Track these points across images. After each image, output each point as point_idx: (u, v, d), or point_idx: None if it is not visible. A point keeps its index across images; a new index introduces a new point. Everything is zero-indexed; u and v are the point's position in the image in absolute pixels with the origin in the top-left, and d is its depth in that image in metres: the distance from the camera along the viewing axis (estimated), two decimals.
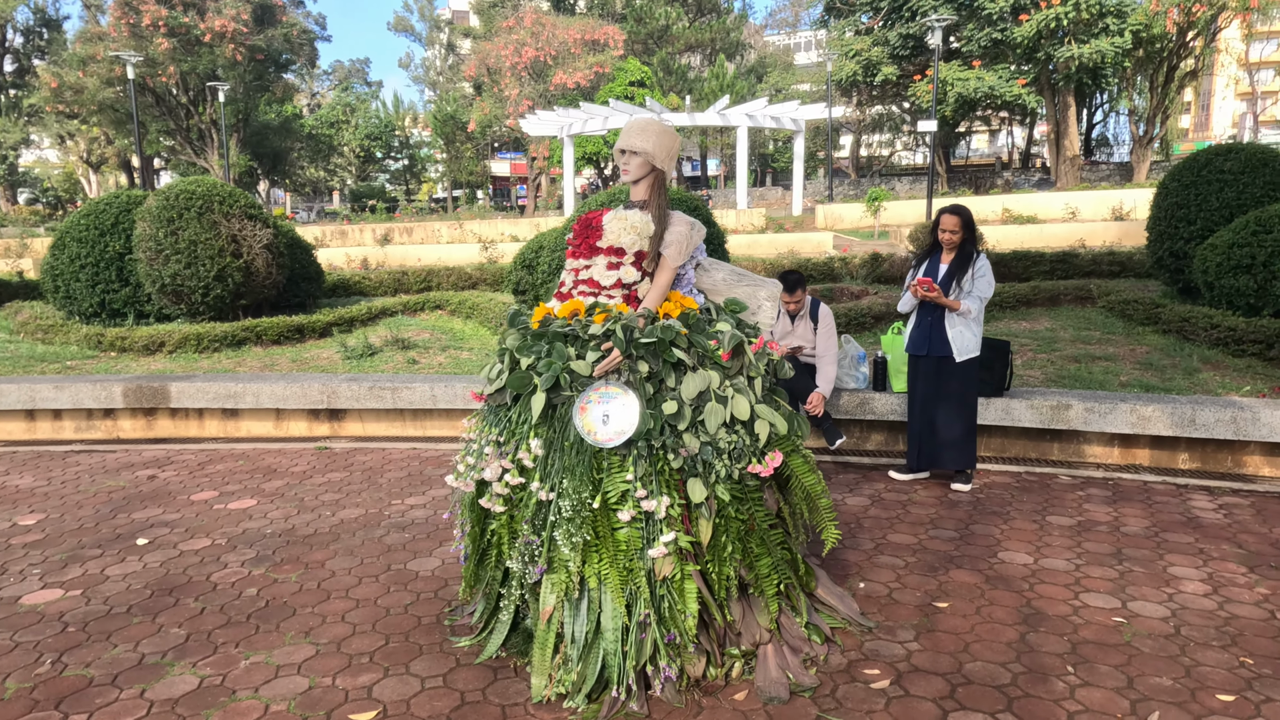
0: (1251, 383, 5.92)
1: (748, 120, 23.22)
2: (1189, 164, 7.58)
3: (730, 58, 39.61)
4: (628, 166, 3.12)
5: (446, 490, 5.00)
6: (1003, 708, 2.68)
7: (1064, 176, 27.81)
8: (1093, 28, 22.89)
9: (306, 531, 4.37)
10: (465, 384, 6.22)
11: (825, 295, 9.56)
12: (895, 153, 42.75)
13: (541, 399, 2.81)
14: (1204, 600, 3.43)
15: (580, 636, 2.73)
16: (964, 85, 24.35)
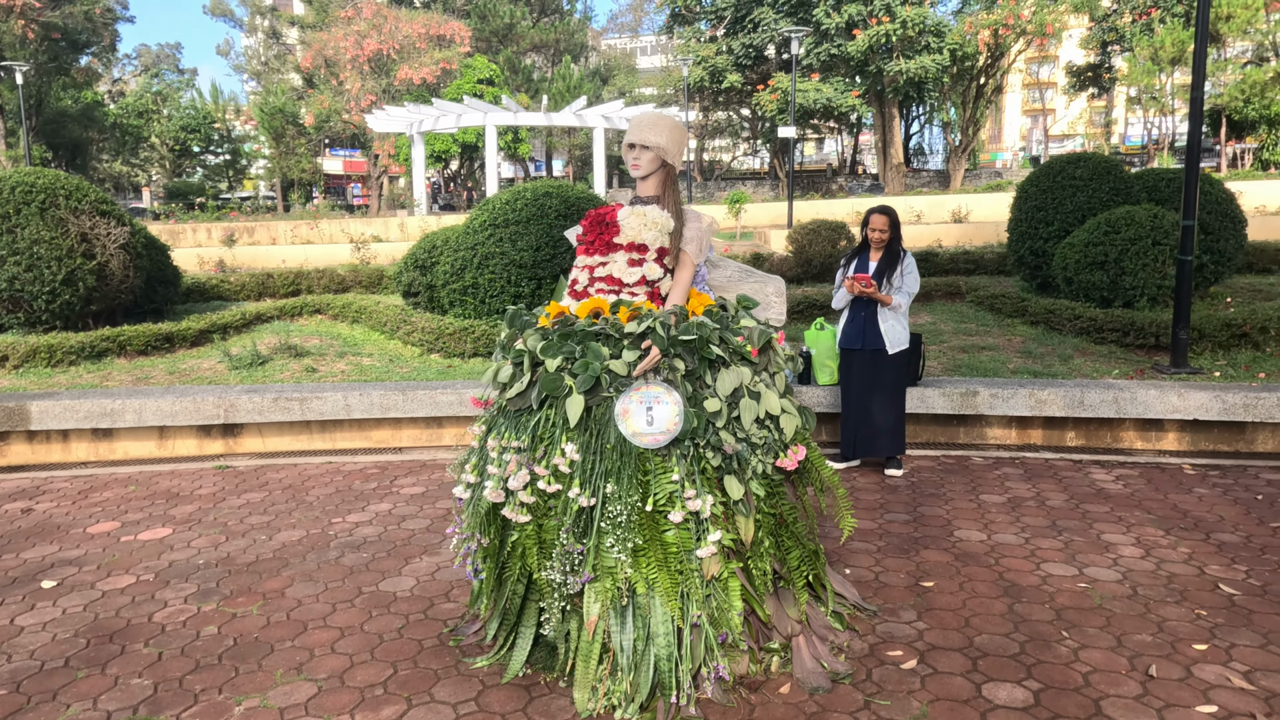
0: (1118, 366, 6.63)
1: (604, 122, 23.37)
2: (1045, 171, 8.40)
3: (575, 59, 39.70)
4: (638, 162, 3.06)
5: (389, 505, 4.71)
6: (1025, 675, 2.86)
7: (891, 182, 29.99)
8: (916, 45, 24.87)
9: (246, 559, 3.97)
10: (382, 392, 5.87)
11: None
12: (735, 158, 44.44)
13: (580, 402, 2.70)
14: (1142, 563, 3.81)
15: (629, 645, 2.65)
16: (803, 96, 25.75)
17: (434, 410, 5.93)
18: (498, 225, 7.37)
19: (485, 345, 7.03)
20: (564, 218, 7.36)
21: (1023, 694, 2.74)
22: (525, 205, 7.38)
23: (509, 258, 7.23)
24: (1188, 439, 5.83)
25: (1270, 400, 5.57)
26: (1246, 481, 5.01)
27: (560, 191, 7.54)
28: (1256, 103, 29.50)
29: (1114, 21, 31.09)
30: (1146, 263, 7.30)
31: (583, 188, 7.97)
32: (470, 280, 7.39)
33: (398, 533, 4.29)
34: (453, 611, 3.40)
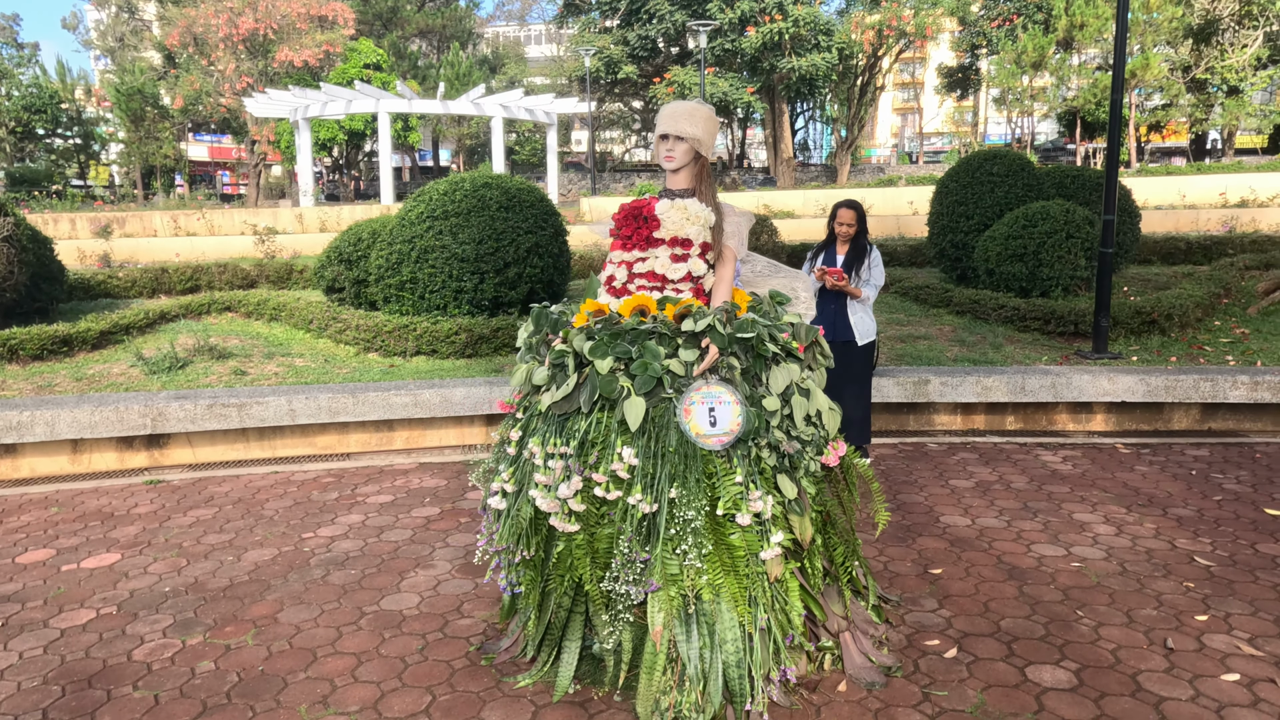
0: (1044, 353, 7.02)
1: (502, 110, 22.87)
2: (964, 167, 8.79)
3: (463, 46, 38.69)
4: (672, 153, 2.96)
5: (360, 517, 4.42)
6: (1059, 656, 2.96)
7: (782, 176, 30.80)
8: (807, 43, 25.62)
9: (218, 584, 3.63)
10: (330, 395, 5.51)
11: None
12: (628, 150, 44.53)
13: (641, 404, 2.58)
14: (1119, 540, 4.03)
15: (696, 654, 2.56)
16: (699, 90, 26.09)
17: (386, 413, 5.62)
18: (436, 217, 7.05)
19: (428, 343, 6.72)
20: (506, 210, 7.12)
21: (1065, 675, 2.84)
22: (465, 197, 7.09)
23: (450, 251, 6.93)
24: (1114, 420, 6.24)
25: (1187, 382, 6.03)
26: (1175, 458, 5.39)
27: (500, 183, 7.29)
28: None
29: (981, 26, 32.98)
30: (1061, 255, 7.76)
31: (522, 180, 7.74)
32: (408, 275, 7.05)
33: (380, 546, 4.03)
34: (471, 628, 3.21)
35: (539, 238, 7.24)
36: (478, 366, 6.52)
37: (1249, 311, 7.99)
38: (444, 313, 7.06)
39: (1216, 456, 5.43)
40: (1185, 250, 10.74)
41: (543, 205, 7.43)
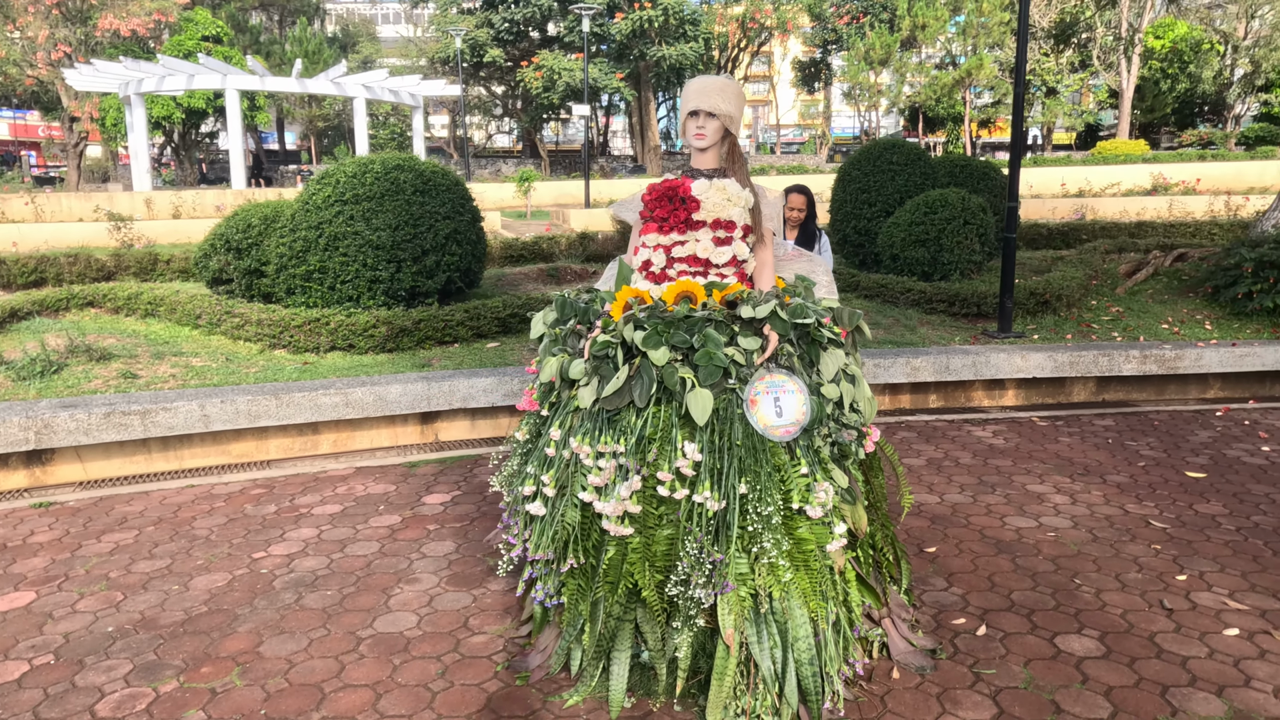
0: (955, 334, 7.37)
1: (365, 91, 21.65)
2: (864, 155, 9.09)
3: (310, 22, 36.42)
4: (703, 131, 2.81)
5: (313, 531, 4.01)
6: (1078, 625, 3.07)
7: (651, 164, 31.01)
8: (675, 32, 25.85)
9: (172, 618, 3.17)
10: (249, 398, 4.98)
11: (551, 275, 9.50)
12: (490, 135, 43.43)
13: (707, 397, 2.43)
14: (1076, 509, 4.26)
15: (768, 654, 2.46)
16: (569, 75, 25.74)
17: (314, 415, 5.14)
18: (346, 202, 6.53)
19: (344, 338, 6.22)
20: (422, 194, 6.69)
21: (1091, 643, 2.94)
22: (376, 180, 6.60)
23: (364, 238, 6.44)
24: (1023, 395, 6.64)
25: (1087, 358, 6.49)
26: (1088, 429, 5.79)
27: (413, 165, 6.84)
28: (945, 101, 34.32)
29: (832, 23, 34.46)
30: (960, 240, 8.18)
31: (435, 163, 7.28)
32: (316, 264, 6.48)
33: (349, 561, 3.66)
34: (488, 645, 2.96)
35: (457, 224, 6.86)
36: (402, 361, 6.10)
37: (1118, 291, 8.72)
38: (357, 304, 6.56)
39: (1121, 425, 5.87)
40: (1047, 236, 11.61)
41: (459, 190, 7.04)
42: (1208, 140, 30.36)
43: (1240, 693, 2.63)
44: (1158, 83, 34.45)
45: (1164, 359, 6.56)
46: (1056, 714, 2.53)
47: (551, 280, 9.41)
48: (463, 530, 4.01)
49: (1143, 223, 12.13)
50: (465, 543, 3.86)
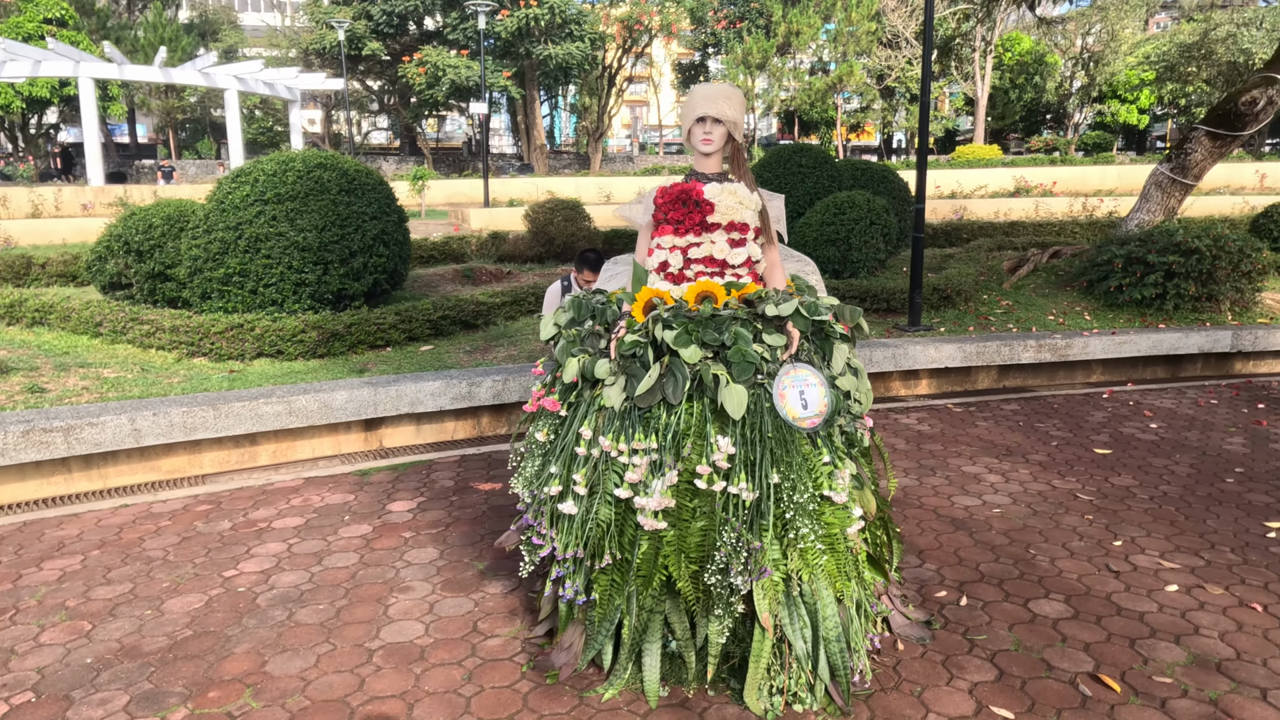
0: (871, 328, 7.77)
1: (238, 83, 20.48)
2: (775, 158, 9.43)
3: (164, 6, 34.07)
4: (710, 136, 2.91)
5: (281, 545, 3.86)
6: (1044, 591, 3.37)
7: (537, 164, 30.84)
8: (560, 31, 25.82)
9: (156, 644, 3.00)
10: (185, 409, 4.71)
11: (466, 276, 9.37)
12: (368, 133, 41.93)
13: (742, 393, 2.53)
14: (1011, 486, 4.64)
15: (799, 635, 2.59)
16: (454, 72, 25.22)
17: (256, 425, 4.92)
18: (268, 201, 6.23)
19: (272, 344, 5.94)
20: (348, 194, 6.48)
21: (1060, 606, 3.24)
22: (299, 179, 6.34)
23: (289, 240, 6.16)
24: (935, 384, 7.11)
25: (991, 348, 7.03)
26: (997, 413, 6.28)
27: (334, 163, 6.61)
28: (819, 106, 35.85)
29: (711, 26, 35.31)
30: (867, 239, 8.64)
31: (356, 162, 7.03)
32: (236, 267, 6.16)
33: (331, 574, 3.55)
34: (506, 648, 2.96)
35: (384, 224, 6.68)
36: (336, 367, 5.90)
37: (1004, 286, 9.43)
38: (281, 308, 6.27)
39: (1026, 409, 6.39)
40: (931, 236, 12.38)
41: (384, 189, 6.85)
42: (1053, 146, 33.07)
43: (1193, 640, 2.98)
44: (1007, 92, 37.25)
45: (1056, 347, 7.18)
46: (1049, 670, 2.79)
47: (468, 281, 9.27)
48: (440, 536, 3.95)
49: (1014, 222, 13.14)
50: (447, 548, 3.81)
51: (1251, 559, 3.64)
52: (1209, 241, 8.12)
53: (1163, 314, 8.12)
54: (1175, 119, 38.29)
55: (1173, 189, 8.80)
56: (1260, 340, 7.71)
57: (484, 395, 5.51)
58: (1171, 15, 39.21)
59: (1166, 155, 9.09)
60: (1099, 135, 34.29)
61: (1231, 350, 7.68)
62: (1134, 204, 9.30)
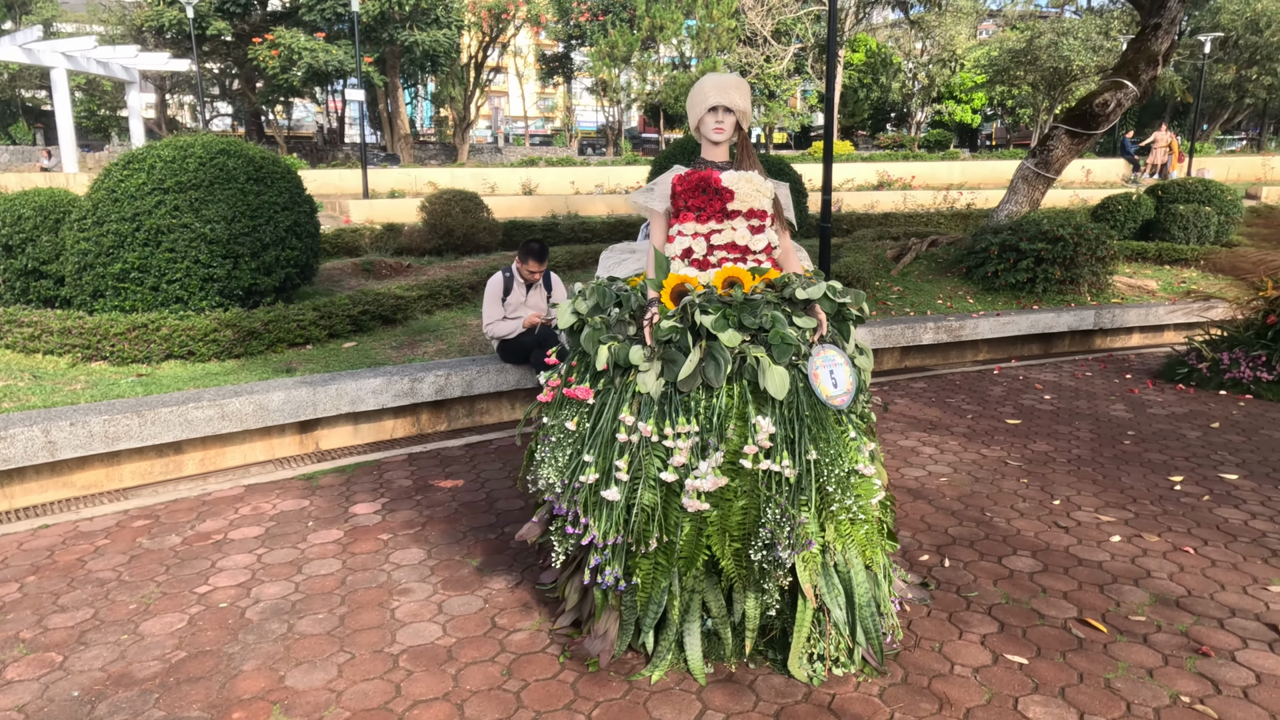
0: None
1: (66, 61, 18.53)
2: (679, 149, 9.56)
3: None
4: (722, 125, 2.97)
5: (249, 558, 3.63)
6: (1010, 549, 3.67)
7: (403, 154, 29.75)
8: (425, 18, 24.98)
9: (150, 669, 2.76)
10: (106, 418, 4.31)
11: (366, 269, 8.99)
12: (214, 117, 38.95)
13: (784, 374, 2.61)
14: (948, 456, 4.99)
15: (835, 603, 2.71)
16: (313, 56, 23.86)
17: (185, 432, 4.56)
18: (168, 190, 5.74)
19: (182, 344, 5.50)
20: (257, 182, 6.08)
21: (1030, 561, 3.54)
22: (201, 166, 5.88)
23: (196, 231, 5.71)
24: None
25: (897, 330, 7.48)
26: (910, 391, 6.71)
27: (239, 150, 6.18)
28: (684, 100, 36.55)
29: (576, 18, 35.24)
30: None
31: (260, 148, 6.56)
32: (135, 262, 5.65)
33: (318, 582, 3.36)
34: (535, 641, 2.92)
35: (297, 215, 6.32)
36: (256, 368, 5.53)
37: (892, 273, 10.04)
38: (186, 306, 5.81)
39: (934, 387, 6.86)
40: (815, 226, 12.97)
41: (293, 178, 6.47)
42: (899, 142, 35.25)
43: (1149, 582, 3.34)
44: (856, 90, 39.38)
45: (951, 328, 7.73)
46: (1042, 619, 3.06)
47: (369, 274, 8.91)
48: (420, 537, 3.82)
49: (887, 214, 13.97)
50: (433, 548, 3.70)
51: (1169, 509, 4.11)
52: (1071, 230, 8.97)
53: (1034, 296, 8.90)
54: (1003, 119, 41.75)
55: (1037, 182, 9.64)
56: (1117, 318, 8.61)
57: (426, 391, 5.34)
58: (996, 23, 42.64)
59: (1031, 151, 9.95)
60: (940, 133, 36.85)
61: (1095, 328, 8.53)
62: (1003, 195, 10.13)
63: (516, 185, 16.76)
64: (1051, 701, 2.55)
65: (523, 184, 16.65)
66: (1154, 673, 2.70)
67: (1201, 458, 4.90)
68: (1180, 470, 4.68)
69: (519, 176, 17.13)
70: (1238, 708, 2.52)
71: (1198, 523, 3.93)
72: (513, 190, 16.51)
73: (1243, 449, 5.07)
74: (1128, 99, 8.86)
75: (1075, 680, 2.66)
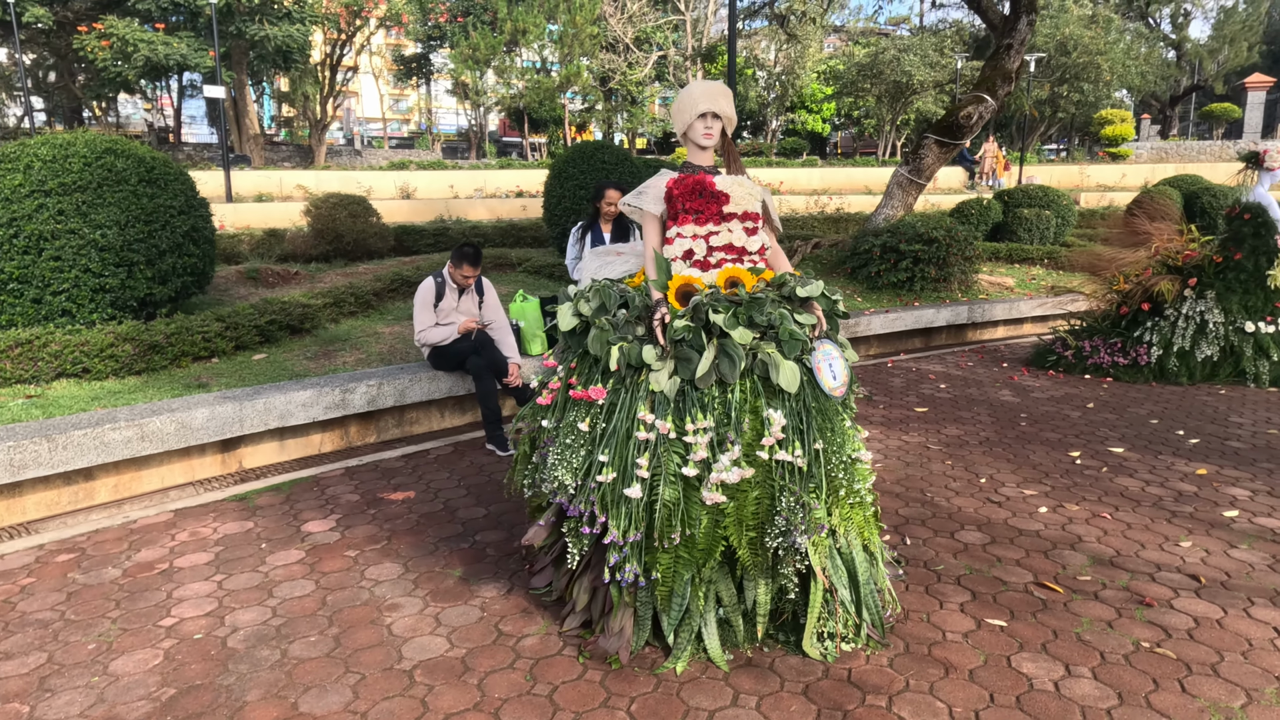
0: None
1: None
2: (578, 153, 9.58)
3: None
4: (711, 131, 3.07)
5: (207, 585, 3.40)
6: (959, 524, 3.97)
7: (254, 155, 28.10)
8: (278, 11, 23.67)
9: (140, 710, 2.55)
10: (9, 444, 3.90)
11: (251, 277, 8.49)
12: (22, 118, 35.10)
13: (795, 369, 2.74)
14: (872, 444, 5.31)
15: (840, 583, 2.87)
16: (151, 49, 21.97)
17: (102, 455, 4.19)
18: (50, 193, 5.22)
19: (75, 361, 5.01)
20: (150, 184, 5.63)
21: (978, 535, 3.85)
22: (86, 166, 5.39)
23: (85, 238, 5.23)
24: None
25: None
26: None
27: (126, 149, 5.70)
28: (548, 105, 36.50)
29: (436, 18, 34.48)
30: None
31: (149, 148, 6.02)
32: (14, 272, 5.10)
33: (295, 605, 3.20)
34: (548, 645, 2.90)
35: (194, 220, 5.90)
36: (163, 384, 5.13)
37: None
38: (74, 319, 5.31)
39: None
40: None
41: (187, 180, 6.04)
42: (758, 149, 36.66)
43: (1083, 546, 3.72)
44: None
45: (847, 325, 8.19)
46: (1005, 585, 3.35)
47: (255, 282, 8.42)
48: (389, 551, 3.70)
49: None
50: (407, 561, 3.59)
51: (1078, 481, 4.57)
52: (943, 232, 9.70)
53: (913, 294, 9.56)
54: (849, 129, 44.28)
55: (910, 188, 10.36)
56: (986, 313, 9.40)
57: (358, 402, 5.14)
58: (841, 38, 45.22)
59: (904, 159, 10.68)
60: (795, 141, 38.63)
61: (968, 322, 9.28)
62: (880, 200, 10.81)
63: (392, 189, 16.22)
64: (1039, 657, 2.81)
65: (399, 187, 16.14)
66: (1113, 624, 3.03)
67: (1089, 434, 5.47)
68: (1075, 446, 5.20)
69: (393, 180, 16.59)
70: (1188, 648, 2.87)
71: (1105, 492, 4.40)
72: (389, 194, 15.98)
73: (1119, 425, 5.69)
74: (988, 112, 9.69)
75: (1051, 637, 2.94)
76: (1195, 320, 7.04)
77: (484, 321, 5.44)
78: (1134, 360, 7.17)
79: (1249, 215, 7.03)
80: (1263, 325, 6.91)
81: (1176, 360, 7.02)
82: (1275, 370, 6.86)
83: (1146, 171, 26.92)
